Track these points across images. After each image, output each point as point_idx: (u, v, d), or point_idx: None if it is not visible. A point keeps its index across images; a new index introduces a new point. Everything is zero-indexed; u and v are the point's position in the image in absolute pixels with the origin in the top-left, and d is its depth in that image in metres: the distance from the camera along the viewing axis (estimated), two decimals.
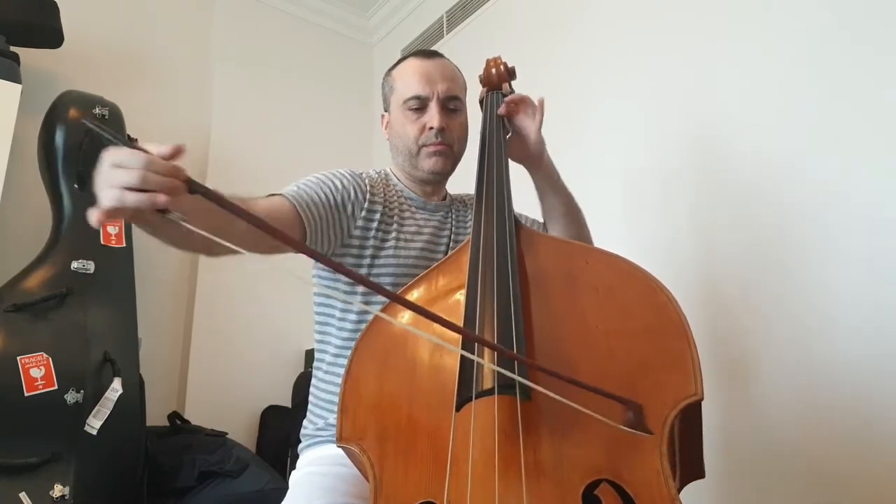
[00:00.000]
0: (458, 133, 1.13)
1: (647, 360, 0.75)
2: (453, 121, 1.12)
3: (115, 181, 0.60)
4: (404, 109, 1.11)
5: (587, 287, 0.84)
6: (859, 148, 1.35)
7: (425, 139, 1.10)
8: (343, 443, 0.79)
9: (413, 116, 1.11)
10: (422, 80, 1.10)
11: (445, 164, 1.13)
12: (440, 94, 1.10)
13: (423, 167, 1.12)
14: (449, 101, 1.11)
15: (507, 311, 0.79)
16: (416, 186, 1.18)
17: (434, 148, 1.10)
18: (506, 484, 0.66)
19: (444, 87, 1.11)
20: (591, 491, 0.65)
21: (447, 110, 1.11)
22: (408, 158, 1.13)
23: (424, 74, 1.11)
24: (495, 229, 0.92)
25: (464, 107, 1.16)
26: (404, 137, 1.12)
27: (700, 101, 1.70)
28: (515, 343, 0.75)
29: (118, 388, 1.60)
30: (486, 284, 0.84)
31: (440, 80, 1.11)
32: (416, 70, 1.12)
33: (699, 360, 0.72)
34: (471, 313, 0.81)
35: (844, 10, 1.41)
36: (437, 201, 1.19)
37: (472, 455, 0.69)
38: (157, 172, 0.60)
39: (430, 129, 1.09)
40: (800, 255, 1.41)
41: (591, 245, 0.90)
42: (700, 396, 0.69)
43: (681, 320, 0.76)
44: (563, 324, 0.82)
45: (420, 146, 1.11)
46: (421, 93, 1.10)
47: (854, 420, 1.27)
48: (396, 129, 1.14)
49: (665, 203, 1.75)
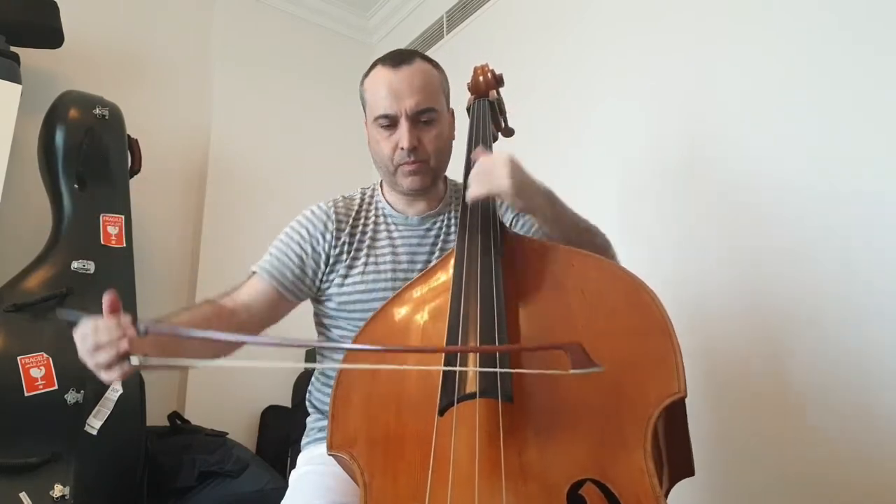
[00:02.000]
0: (433, 146, 1.07)
1: (630, 359, 0.75)
2: (427, 134, 1.06)
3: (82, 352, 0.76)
4: (376, 126, 1.07)
5: (572, 289, 0.85)
6: (860, 147, 1.35)
7: (399, 158, 1.06)
8: (333, 451, 0.80)
9: (385, 134, 1.06)
10: (388, 97, 1.04)
11: (424, 181, 1.08)
12: (409, 111, 1.03)
13: (402, 185, 1.09)
14: (420, 115, 1.04)
15: (491, 314, 0.79)
16: (401, 199, 1.15)
17: (409, 167, 1.06)
18: (487, 486, 0.66)
19: (413, 101, 1.03)
20: (576, 491, 0.66)
21: (419, 124, 1.05)
22: (386, 175, 1.11)
23: (391, 90, 1.04)
24: (480, 236, 0.92)
25: (441, 115, 1.08)
26: (380, 155, 1.09)
27: (700, 102, 1.70)
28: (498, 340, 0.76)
29: (118, 388, 1.60)
30: (470, 289, 0.84)
31: (408, 95, 1.03)
32: (383, 84, 1.05)
33: (682, 358, 0.72)
34: (454, 318, 0.82)
35: (844, 9, 1.41)
36: (424, 212, 1.14)
37: (453, 459, 0.70)
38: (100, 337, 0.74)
39: (402, 148, 1.04)
40: (800, 256, 1.41)
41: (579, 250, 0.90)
42: (683, 394, 0.70)
43: (663, 319, 0.76)
44: (548, 326, 0.82)
45: (396, 165, 1.07)
46: (388, 111, 1.04)
47: (848, 418, 1.27)
48: (372, 144, 1.11)
49: (664, 203, 1.75)
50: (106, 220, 1.84)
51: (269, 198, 2.56)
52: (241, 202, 2.53)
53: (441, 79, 1.12)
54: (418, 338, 0.88)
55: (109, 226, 1.84)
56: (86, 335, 0.74)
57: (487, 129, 1.15)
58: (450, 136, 1.13)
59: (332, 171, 2.71)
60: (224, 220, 2.47)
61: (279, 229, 1.17)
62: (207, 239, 2.43)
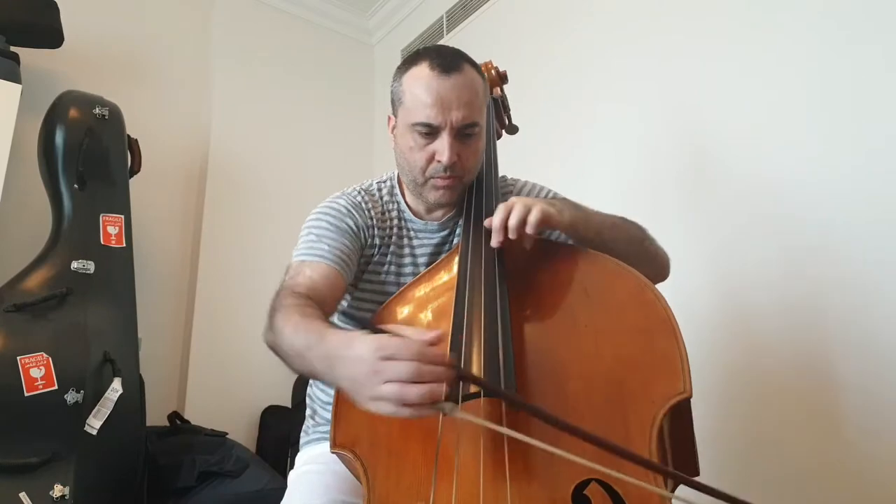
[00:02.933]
0: (471, 162, 0.99)
1: (635, 358, 0.75)
2: (467, 149, 0.97)
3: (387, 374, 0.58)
4: (412, 131, 0.97)
5: (576, 288, 0.84)
6: (860, 152, 1.34)
7: (432, 171, 0.97)
8: (337, 449, 0.80)
9: (421, 142, 0.96)
10: (434, 106, 0.93)
11: (452, 196, 1.01)
12: (454, 123, 0.94)
13: (429, 198, 1.01)
14: (464, 129, 0.95)
15: (495, 317, 0.79)
16: (422, 204, 1.08)
17: (442, 182, 0.98)
18: (492, 486, 0.66)
19: (461, 115, 0.94)
20: (581, 491, 0.65)
21: (461, 137, 0.96)
22: (412, 184, 1.02)
23: (438, 98, 0.93)
24: (484, 234, 0.92)
25: (482, 129, 1.00)
26: (410, 163, 0.99)
27: (701, 104, 1.70)
28: (502, 347, 0.75)
29: (118, 388, 1.60)
30: (474, 291, 0.84)
31: (456, 107, 0.93)
32: (430, 90, 0.94)
33: (688, 357, 0.71)
34: (459, 318, 0.81)
35: (844, 12, 1.41)
36: (442, 219, 1.08)
37: (458, 458, 0.70)
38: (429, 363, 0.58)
39: (439, 161, 0.96)
40: (800, 260, 1.41)
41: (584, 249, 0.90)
42: (688, 394, 0.69)
43: (669, 318, 0.76)
44: (552, 326, 0.82)
45: (427, 178, 0.98)
46: (432, 121, 0.94)
47: (853, 418, 1.27)
48: (402, 148, 1.00)
49: (665, 203, 1.74)
50: (106, 220, 1.84)
51: (268, 198, 2.56)
52: (241, 202, 2.53)
53: (485, 89, 1.03)
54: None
55: (109, 226, 1.84)
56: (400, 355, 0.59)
57: (491, 126, 1.14)
58: (483, 151, 1.05)
59: (332, 171, 2.71)
60: (224, 220, 2.47)
61: (279, 229, 1.17)
62: (207, 239, 2.43)
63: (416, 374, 0.57)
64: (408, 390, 0.57)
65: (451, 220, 1.09)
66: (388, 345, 0.58)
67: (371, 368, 0.59)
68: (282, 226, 2.31)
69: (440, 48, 1.00)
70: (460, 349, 0.78)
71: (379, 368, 0.58)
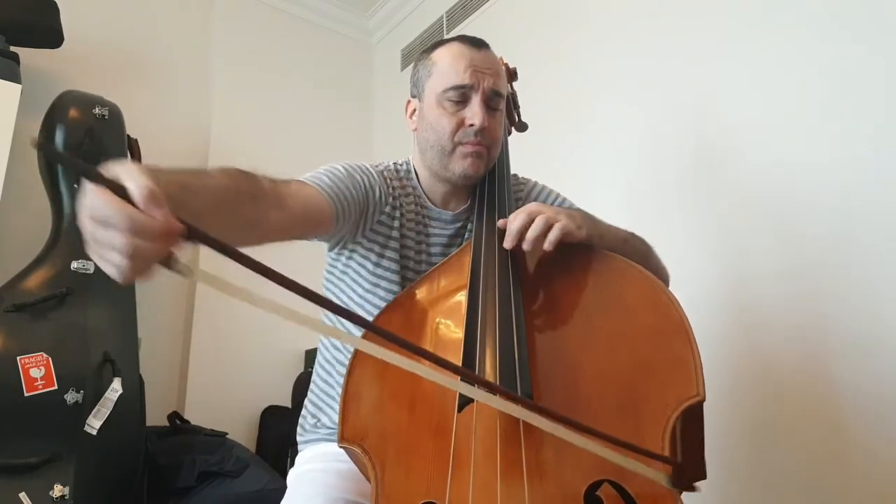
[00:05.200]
0: (497, 134, 1.02)
1: (648, 361, 0.74)
2: (494, 120, 1.01)
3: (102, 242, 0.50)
4: (442, 99, 0.99)
5: (589, 289, 0.84)
6: (863, 150, 1.34)
7: (462, 136, 0.98)
8: (345, 443, 0.79)
9: (452, 108, 0.98)
10: (468, 69, 0.98)
11: (479, 168, 1.01)
12: (486, 89, 0.98)
13: (455, 169, 1.00)
14: (493, 96, 1.00)
15: (509, 317, 0.79)
16: (438, 190, 1.07)
17: (471, 148, 0.98)
18: (508, 484, 0.66)
19: (492, 81, 0.99)
20: (594, 492, 0.65)
21: (489, 108, 1.00)
22: (438, 155, 1.01)
23: (471, 63, 0.98)
24: (496, 237, 0.91)
25: (504, 106, 1.05)
26: (438, 131, 0.99)
27: (701, 104, 1.70)
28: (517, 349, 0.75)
29: (118, 388, 1.60)
30: (487, 287, 0.84)
31: (488, 74, 0.99)
32: (463, 57, 0.99)
33: (701, 360, 0.71)
34: (472, 318, 0.81)
35: (845, 12, 1.41)
36: (456, 210, 1.08)
37: (474, 455, 0.69)
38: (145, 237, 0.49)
39: (471, 125, 0.97)
40: (805, 256, 1.41)
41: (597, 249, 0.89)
42: (702, 397, 0.69)
43: (682, 320, 0.75)
44: (565, 326, 0.82)
45: (455, 143, 0.99)
46: (466, 81, 0.97)
47: (860, 421, 1.27)
48: (429, 119, 1.01)
49: (668, 201, 1.74)
50: None
51: None
52: None
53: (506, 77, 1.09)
54: (434, 332, 0.87)
55: None
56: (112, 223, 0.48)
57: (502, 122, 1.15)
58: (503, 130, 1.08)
59: None
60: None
61: None
62: None
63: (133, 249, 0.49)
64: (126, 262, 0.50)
65: (463, 213, 1.08)
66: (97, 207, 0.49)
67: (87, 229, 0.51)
68: None
69: (467, 35, 1.06)
70: (474, 351, 0.77)
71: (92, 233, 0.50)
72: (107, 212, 0.48)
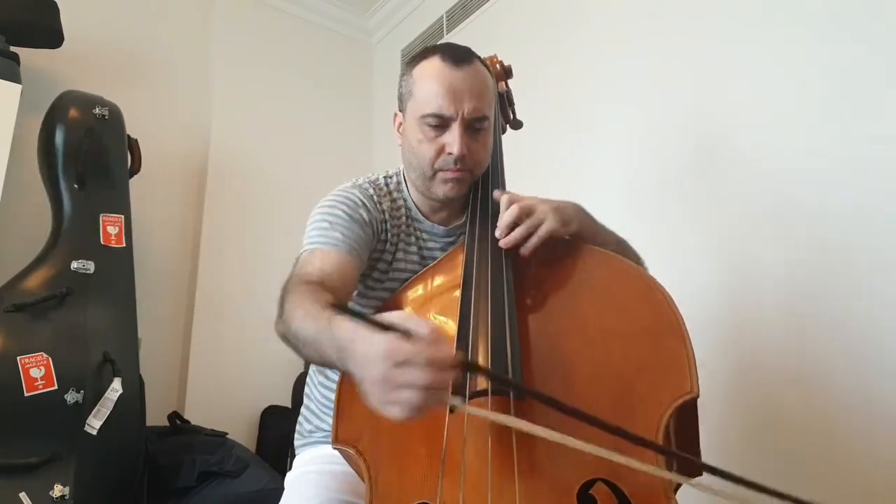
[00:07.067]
0: (480, 156, 0.99)
1: (643, 359, 0.74)
2: (477, 143, 0.97)
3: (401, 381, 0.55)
4: (421, 124, 0.96)
5: (583, 286, 0.84)
6: (862, 150, 1.34)
7: (442, 163, 0.96)
8: (339, 445, 0.79)
9: (431, 134, 0.96)
10: (446, 96, 0.93)
11: (461, 190, 1.00)
12: (465, 115, 0.94)
13: (436, 193, 1.00)
14: (475, 121, 0.96)
15: (502, 313, 0.79)
16: (427, 203, 1.07)
17: (452, 175, 0.97)
18: (499, 484, 0.66)
19: (471, 106, 0.94)
20: (587, 490, 0.65)
21: (471, 131, 0.96)
22: (420, 178, 1.00)
23: (450, 89, 0.93)
24: (490, 232, 0.91)
25: (490, 125, 1.00)
26: (419, 157, 0.98)
27: (701, 104, 1.70)
28: (510, 348, 0.75)
29: (118, 388, 1.60)
30: (480, 286, 0.83)
31: (468, 98, 0.94)
32: (441, 81, 0.94)
33: (695, 357, 0.71)
34: (464, 316, 0.81)
35: (845, 12, 1.41)
36: (448, 223, 1.08)
37: (465, 456, 0.70)
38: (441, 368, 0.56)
39: (450, 154, 0.95)
40: (806, 257, 1.41)
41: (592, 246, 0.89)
42: (695, 394, 0.69)
43: (676, 318, 0.75)
44: (559, 323, 0.82)
45: (436, 170, 0.97)
46: (444, 112, 0.94)
47: (855, 415, 1.27)
48: (410, 142, 0.99)
49: (665, 206, 1.74)
50: (106, 219, 1.84)
51: (268, 198, 2.56)
52: (241, 202, 2.53)
53: (494, 85, 1.04)
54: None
55: (109, 226, 1.84)
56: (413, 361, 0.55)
57: (498, 122, 1.13)
58: (491, 146, 1.04)
59: (331, 171, 2.70)
60: (224, 220, 2.47)
61: (279, 229, 1.16)
62: (207, 239, 2.43)
63: (431, 381, 0.55)
64: (422, 396, 0.56)
65: (458, 228, 1.07)
66: (400, 350, 0.56)
67: (383, 375, 0.56)
68: (282, 225, 2.31)
69: (450, 44, 1.01)
70: (467, 351, 0.77)
71: (391, 375, 0.56)
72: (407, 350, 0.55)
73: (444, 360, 0.56)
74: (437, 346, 0.56)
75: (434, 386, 0.55)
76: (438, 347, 0.56)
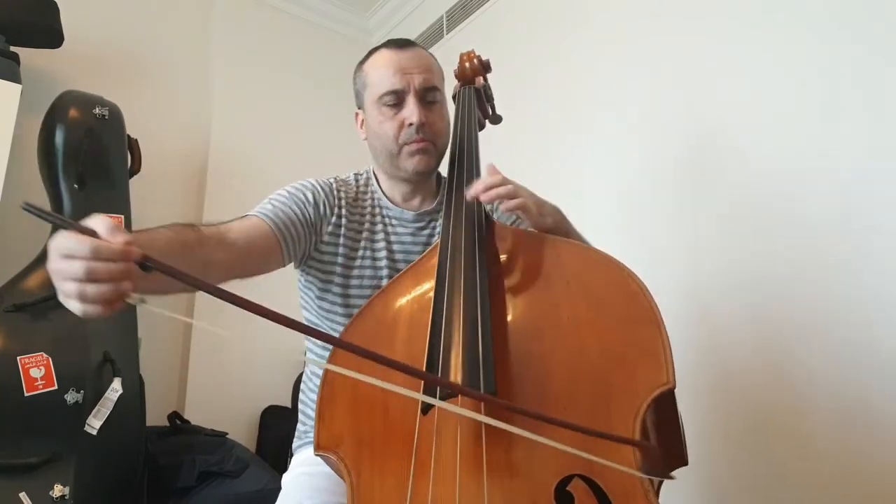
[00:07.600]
0: (438, 126, 1.06)
1: (619, 350, 0.74)
2: (433, 114, 1.06)
3: (65, 273, 0.56)
4: (380, 106, 1.05)
5: (559, 279, 0.83)
6: (860, 153, 1.34)
7: (405, 136, 1.04)
8: (320, 451, 0.79)
9: (390, 113, 1.04)
10: (396, 73, 1.03)
11: (429, 162, 1.06)
12: (417, 87, 1.03)
13: (406, 167, 1.06)
14: (427, 92, 1.05)
15: (474, 312, 0.78)
16: (398, 190, 1.12)
17: (416, 146, 1.04)
18: (468, 483, 0.66)
19: (421, 78, 1.04)
20: (564, 487, 0.65)
21: (425, 103, 1.05)
22: (388, 159, 1.07)
23: (398, 66, 1.04)
24: (463, 228, 0.91)
25: (443, 98, 1.10)
26: (382, 136, 1.05)
27: (701, 104, 1.70)
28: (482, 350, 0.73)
29: (118, 388, 1.60)
30: (454, 287, 0.83)
31: (416, 71, 1.04)
32: (390, 62, 1.05)
33: (671, 348, 0.71)
34: (437, 318, 0.80)
35: (845, 12, 1.41)
36: (419, 209, 1.12)
37: (435, 456, 0.69)
38: (104, 259, 0.55)
39: (410, 125, 1.02)
40: (806, 258, 1.41)
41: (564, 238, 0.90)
42: (672, 385, 0.68)
43: (652, 309, 0.75)
44: (534, 319, 0.81)
45: (401, 145, 1.04)
46: (397, 86, 1.03)
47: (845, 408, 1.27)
48: (373, 127, 1.07)
49: (665, 204, 1.74)
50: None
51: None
52: (240, 202, 2.49)
53: (440, 69, 1.13)
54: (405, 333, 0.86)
55: None
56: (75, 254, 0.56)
57: (473, 116, 1.14)
58: (449, 122, 1.11)
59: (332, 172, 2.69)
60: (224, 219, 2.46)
61: None
62: None
63: (91, 272, 0.55)
64: (84, 289, 0.56)
65: (426, 215, 1.11)
66: (65, 243, 0.56)
67: (53, 267, 0.57)
68: None
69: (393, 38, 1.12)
70: (438, 354, 0.76)
71: (59, 268, 0.57)
72: (71, 244, 0.56)
73: (108, 250, 0.56)
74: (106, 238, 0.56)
75: (98, 277, 0.55)
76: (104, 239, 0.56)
